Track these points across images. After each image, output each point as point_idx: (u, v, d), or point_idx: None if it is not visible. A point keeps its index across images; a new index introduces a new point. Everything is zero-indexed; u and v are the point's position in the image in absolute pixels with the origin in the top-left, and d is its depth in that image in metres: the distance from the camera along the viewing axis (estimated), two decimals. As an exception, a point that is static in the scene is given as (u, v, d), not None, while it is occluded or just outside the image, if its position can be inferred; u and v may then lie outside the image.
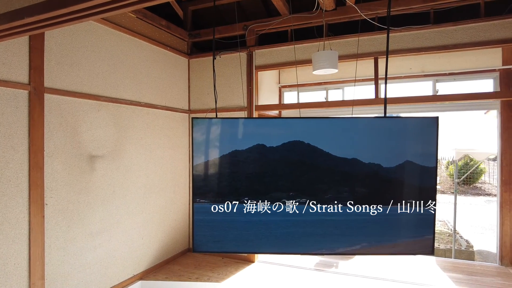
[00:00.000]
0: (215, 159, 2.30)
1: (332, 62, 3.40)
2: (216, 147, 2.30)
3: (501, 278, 3.76)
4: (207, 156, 2.30)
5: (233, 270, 4.01)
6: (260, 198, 2.25)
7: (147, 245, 3.93)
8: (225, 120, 2.35)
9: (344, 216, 2.25)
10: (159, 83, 4.16)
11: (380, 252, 2.28)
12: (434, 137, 2.18)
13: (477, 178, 13.62)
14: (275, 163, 2.27)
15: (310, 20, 3.95)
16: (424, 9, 3.64)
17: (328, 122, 2.30)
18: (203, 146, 2.28)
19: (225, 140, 2.31)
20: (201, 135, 2.29)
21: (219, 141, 2.32)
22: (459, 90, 4.60)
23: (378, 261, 4.25)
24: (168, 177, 4.29)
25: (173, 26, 4.36)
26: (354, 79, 4.86)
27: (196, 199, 2.30)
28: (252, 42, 4.28)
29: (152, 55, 4.04)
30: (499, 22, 3.38)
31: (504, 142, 4.19)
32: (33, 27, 1.68)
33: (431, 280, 3.73)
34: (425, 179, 2.21)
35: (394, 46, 3.69)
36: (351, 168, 2.22)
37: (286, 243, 2.26)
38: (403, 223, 2.25)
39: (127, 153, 3.63)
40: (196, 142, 2.29)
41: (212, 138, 2.31)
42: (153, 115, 4.05)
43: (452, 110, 4.75)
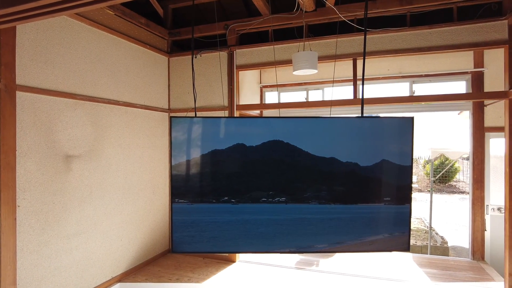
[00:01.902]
0: (194, 158, 2.28)
1: (311, 63, 3.44)
2: (195, 147, 2.28)
3: (473, 272, 3.91)
4: (186, 155, 2.28)
5: (214, 270, 3.99)
6: (240, 198, 2.25)
7: (126, 247, 3.86)
8: (205, 119, 2.33)
9: (323, 215, 2.28)
10: (138, 82, 4.09)
11: (358, 250, 2.32)
12: (409, 136, 2.24)
13: (452, 177, 14.11)
14: (255, 162, 2.27)
15: (291, 20, 3.98)
16: (401, 12, 3.73)
17: (307, 122, 2.33)
18: (182, 146, 2.26)
19: (204, 139, 2.30)
20: (180, 134, 2.27)
21: (198, 141, 2.30)
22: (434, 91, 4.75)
23: (357, 258, 4.33)
24: (147, 177, 4.22)
25: (152, 24, 4.29)
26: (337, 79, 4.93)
27: (174, 200, 2.27)
28: (233, 41, 4.27)
29: (131, 53, 3.96)
30: (471, 27, 3.51)
31: (476, 142, 4.36)
32: (2, 21, 1.62)
33: (408, 276, 3.84)
34: (401, 177, 2.27)
35: (372, 48, 3.77)
36: (329, 167, 2.25)
37: (266, 242, 2.27)
38: (379, 220, 2.30)
39: (105, 153, 3.55)
40: (175, 141, 2.27)
41: (192, 137, 2.29)
42: (132, 114, 3.97)
43: (428, 111, 4.90)
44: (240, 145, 2.23)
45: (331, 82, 5.00)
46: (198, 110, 4.39)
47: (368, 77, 4.90)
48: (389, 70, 4.79)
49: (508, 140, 3.33)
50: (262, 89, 5.52)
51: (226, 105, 4.26)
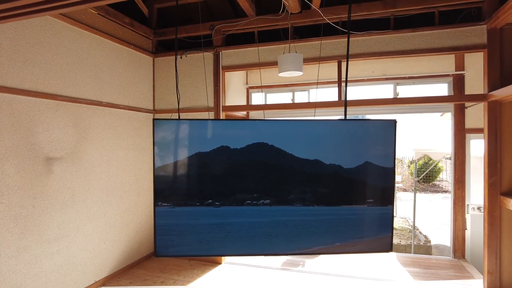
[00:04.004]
0: (178, 161, 2.26)
1: (297, 65, 3.45)
2: (179, 149, 2.26)
3: (454, 270, 4.00)
4: (170, 158, 2.25)
5: (200, 273, 3.96)
6: (224, 200, 2.24)
7: (109, 250, 3.79)
8: (189, 121, 2.31)
9: (307, 217, 2.29)
10: (122, 82, 4.03)
11: (341, 251, 2.34)
12: (392, 139, 2.27)
13: (436, 177, 14.42)
14: (240, 164, 2.27)
15: (276, 22, 3.99)
16: (385, 15, 3.79)
17: (292, 124, 2.34)
18: (165, 148, 2.24)
19: (188, 142, 2.28)
20: (163, 137, 2.24)
21: (182, 143, 2.28)
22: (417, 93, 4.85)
23: (343, 258, 4.38)
24: (132, 179, 4.16)
25: (137, 24, 4.24)
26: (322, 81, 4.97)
27: (158, 203, 2.25)
28: (219, 42, 4.25)
29: (114, 53, 3.90)
30: (452, 31, 3.59)
31: (457, 143, 4.47)
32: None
33: (391, 275, 3.90)
34: (384, 179, 2.30)
35: (357, 50, 3.81)
36: (313, 169, 2.27)
37: (250, 245, 2.26)
38: (363, 222, 2.33)
39: (87, 154, 3.48)
40: (157, 144, 2.24)
41: (175, 139, 2.27)
42: (116, 115, 3.91)
43: (412, 112, 4.99)
44: (224, 148, 2.22)
45: (319, 83, 5.03)
46: (184, 111, 4.35)
47: (353, 79, 4.96)
48: (374, 72, 4.85)
49: (487, 141, 3.42)
50: (249, 90, 5.52)
51: (212, 106, 4.24)
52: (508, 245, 3.33)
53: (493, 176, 3.39)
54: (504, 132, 3.37)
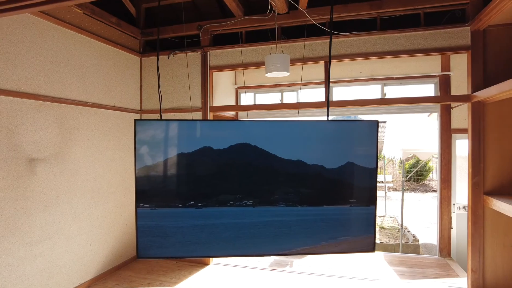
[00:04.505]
0: (160, 162, 2.25)
1: (283, 66, 3.45)
2: (161, 150, 2.25)
3: (439, 268, 4.04)
4: (152, 159, 2.24)
5: (187, 274, 3.95)
6: (207, 202, 2.24)
7: (95, 251, 3.75)
8: (171, 122, 2.30)
9: (290, 217, 2.29)
10: (109, 82, 3.99)
11: (324, 251, 2.35)
12: (374, 139, 2.28)
13: (426, 176, 14.57)
14: (222, 165, 2.26)
15: (264, 22, 3.99)
16: (372, 16, 3.81)
17: (275, 125, 2.33)
18: (147, 149, 2.22)
19: (170, 142, 2.27)
20: (145, 137, 2.22)
21: (164, 144, 2.26)
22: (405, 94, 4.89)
23: (330, 258, 4.40)
24: (118, 180, 4.13)
25: (124, 23, 4.20)
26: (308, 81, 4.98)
27: (139, 204, 2.23)
28: (206, 42, 4.24)
29: (101, 53, 3.86)
30: (437, 32, 3.63)
31: (443, 143, 4.52)
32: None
33: (378, 275, 3.93)
34: (366, 179, 2.31)
35: (344, 51, 3.83)
36: (296, 169, 2.27)
37: (233, 246, 2.26)
38: (345, 222, 2.34)
39: (72, 155, 3.44)
40: (139, 145, 2.22)
41: (157, 140, 2.25)
42: (102, 115, 3.87)
43: (399, 113, 5.03)
44: (207, 148, 2.21)
45: (304, 84, 5.05)
46: (171, 111, 4.33)
47: (342, 80, 4.99)
48: (362, 72, 4.88)
49: (471, 142, 3.46)
50: (238, 90, 5.51)
51: (199, 107, 4.22)
52: (491, 243, 3.37)
53: (477, 175, 3.44)
54: (487, 132, 3.41)
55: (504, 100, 3.30)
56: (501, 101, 3.32)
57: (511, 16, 3.13)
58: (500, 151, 3.38)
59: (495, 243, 3.37)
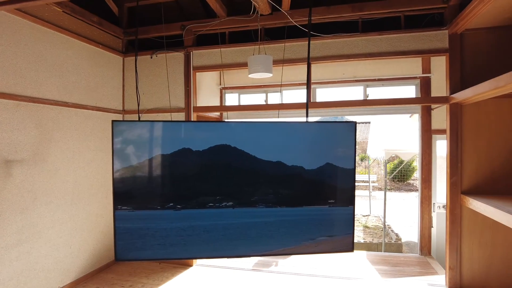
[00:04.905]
0: (138, 164, 2.23)
1: (266, 67, 3.47)
2: (139, 152, 2.23)
3: (420, 267, 4.12)
4: (130, 160, 2.21)
5: (170, 275, 3.92)
6: (186, 204, 2.23)
7: (76, 254, 3.69)
8: (149, 123, 2.28)
9: (270, 218, 2.31)
10: (90, 83, 3.93)
11: (304, 252, 2.37)
12: (352, 141, 2.32)
13: (410, 176, 14.83)
14: (202, 167, 2.25)
15: (247, 23, 3.99)
16: (353, 18, 3.85)
17: (255, 126, 2.34)
18: (124, 151, 2.20)
19: (149, 144, 2.25)
20: (123, 139, 2.20)
21: (142, 145, 2.24)
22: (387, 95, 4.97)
23: (314, 258, 4.43)
24: (100, 181, 4.06)
25: (106, 23, 4.14)
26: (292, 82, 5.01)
27: (117, 206, 2.20)
28: (189, 42, 4.22)
29: (81, 53, 3.80)
30: (417, 35, 3.70)
31: (424, 144, 4.61)
32: None
33: (360, 274, 3.98)
34: (345, 180, 2.34)
35: (326, 52, 3.87)
36: (276, 170, 2.28)
37: (213, 247, 2.25)
38: (324, 222, 2.36)
39: (51, 156, 3.37)
40: (117, 146, 2.20)
41: (135, 142, 2.23)
42: (83, 116, 3.81)
43: (382, 114, 5.12)
44: (186, 150, 2.20)
45: (287, 85, 5.08)
46: (154, 111, 4.29)
47: (325, 81, 5.03)
48: (345, 74, 4.94)
49: (449, 142, 3.55)
50: (222, 91, 5.50)
51: (183, 107, 4.20)
52: (468, 242, 3.46)
53: (455, 175, 3.52)
54: (464, 133, 3.50)
55: (480, 102, 3.39)
56: (477, 103, 3.41)
57: (486, 21, 3.22)
58: (476, 151, 3.47)
59: (472, 242, 3.46)
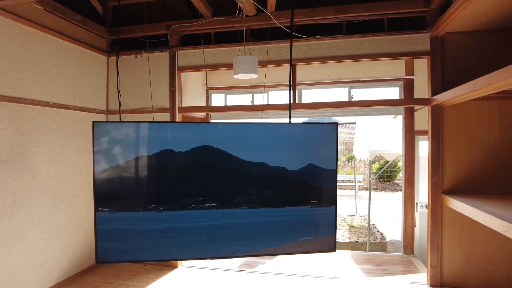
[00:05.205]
0: (119, 165, 2.20)
1: (251, 68, 3.47)
2: (120, 153, 2.20)
3: (403, 265, 4.19)
4: (111, 162, 2.19)
5: (154, 277, 3.89)
6: (168, 205, 2.21)
7: (57, 257, 3.62)
8: (131, 123, 2.26)
9: (253, 218, 2.31)
10: (73, 82, 3.86)
11: (287, 252, 2.38)
12: (334, 142, 2.34)
13: (395, 176, 15.05)
14: (184, 168, 2.24)
15: (233, 24, 4.00)
16: (337, 20, 3.90)
17: (237, 127, 2.35)
18: (105, 152, 2.17)
19: (131, 145, 2.22)
20: (104, 140, 2.18)
21: (124, 146, 2.22)
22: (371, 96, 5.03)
23: (299, 258, 4.46)
24: (83, 182, 4.00)
25: (89, 22, 4.08)
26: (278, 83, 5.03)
27: (98, 208, 2.18)
28: (174, 42, 4.19)
29: (64, 52, 3.74)
30: (400, 37, 3.76)
31: (407, 144, 4.69)
32: None
33: (344, 273, 4.02)
34: (327, 180, 2.37)
35: (310, 54, 3.90)
36: (259, 171, 2.29)
37: (195, 249, 2.25)
38: (307, 223, 2.38)
39: (32, 157, 3.31)
40: (98, 147, 2.17)
41: (117, 143, 2.21)
42: (65, 116, 3.75)
43: (366, 115, 5.18)
44: (168, 151, 2.19)
45: (271, 86, 5.10)
46: (138, 112, 4.25)
47: (310, 82, 5.07)
48: (330, 75, 4.99)
49: (431, 143, 3.62)
50: (208, 91, 5.48)
51: (167, 107, 4.17)
52: (448, 240, 3.54)
53: (436, 176, 3.60)
54: (445, 134, 3.58)
55: (459, 104, 3.47)
56: (457, 104, 3.49)
57: (465, 25, 3.30)
58: (456, 152, 3.55)
59: (452, 240, 3.54)
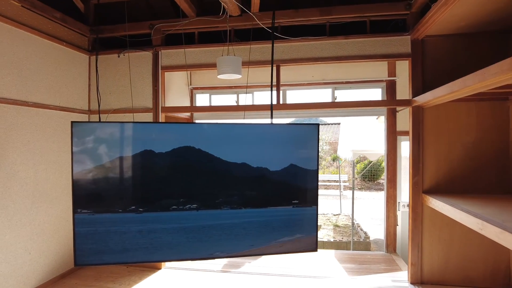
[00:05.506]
0: (98, 166, 2.17)
1: (235, 68, 3.47)
2: (100, 154, 2.17)
3: (385, 264, 4.26)
4: (90, 163, 2.15)
5: (137, 279, 3.84)
6: (148, 206, 2.19)
7: (36, 260, 3.54)
8: (110, 124, 2.23)
9: (234, 219, 2.31)
10: (53, 81, 3.78)
11: (268, 252, 2.39)
12: (315, 142, 2.36)
13: (380, 175, 15.28)
14: (165, 169, 2.22)
15: (217, 24, 3.98)
16: (321, 21, 3.93)
17: (219, 128, 2.34)
18: (85, 153, 2.13)
19: (110, 146, 2.19)
20: (84, 140, 2.14)
21: (103, 147, 2.18)
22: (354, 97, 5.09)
23: (283, 258, 4.47)
24: (64, 183, 3.92)
25: (70, 19, 3.99)
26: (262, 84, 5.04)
27: (77, 210, 2.14)
28: (158, 41, 4.15)
29: (44, 50, 3.65)
30: (382, 39, 3.82)
31: (390, 145, 4.77)
32: None
33: (328, 272, 4.06)
34: (308, 181, 2.39)
35: (294, 55, 3.92)
36: (240, 172, 2.29)
37: (177, 250, 2.23)
38: (288, 223, 2.40)
39: (8, 158, 3.22)
40: (77, 148, 2.13)
41: (96, 143, 2.17)
42: (45, 116, 3.66)
43: (350, 115, 5.24)
44: (148, 152, 2.17)
45: (253, 86, 5.11)
46: (121, 112, 4.19)
47: (294, 83, 5.10)
48: (314, 76, 5.02)
49: (411, 143, 3.69)
50: (193, 91, 5.45)
51: (150, 107, 4.13)
52: (428, 239, 3.62)
53: (416, 175, 3.67)
54: (425, 135, 3.65)
55: (439, 105, 3.55)
56: (437, 106, 3.57)
57: (444, 28, 3.37)
58: (436, 152, 3.63)
59: (432, 238, 3.62)
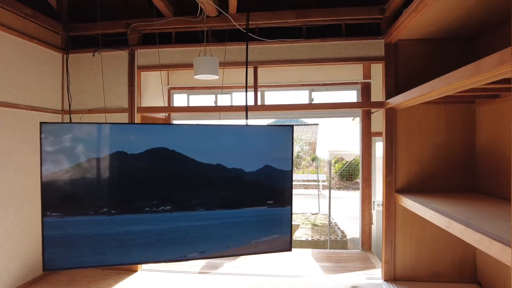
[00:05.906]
0: (69, 167, 2.12)
1: (212, 68, 3.46)
2: (71, 155, 2.11)
3: (360, 262, 4.37)
4: (60, 164, 2.10)
5: (113, 282, 3.76)
6: (121, 209, 2.16)
7: (4, 266, 3.41)
8: (81, 125, 2.18)
9: (209, 221, 2.31)
10: (23, 80, 3.65)
11: (243, 253, 2.41)
12: (289, 143, 2.40)
13: (357, 175, 15.62)
14: (137, 171, 2.20)
15: (194, 24, 3.96)
16: (298, 24, 3.99)
17: (194, 129, 2.34)
18: (55, 154, 2.08)
19: (81, 146, 2.14)
20: (53, 141, 2.08)
21: (74, 149, 2.14)
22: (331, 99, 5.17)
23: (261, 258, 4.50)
24: (35, 186, 3.79)
25: (42, 16, 3.87)
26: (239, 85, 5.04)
27: (46, 213, 2.08)
28: (134, 41, 4.09)
29: (13, 48, 3.52)
30: (356, 42, 3.91)
31: (365, 145, 4.89)
32: None
33: (305, 271, 4.11)
34: (283, 181, 2.42)
35: (271, 57, 3.96)
36: (215, 173, 2.29)
37: (150, 252, 2.21)
38: (263, 223, 2.42)
39: (-26, 160, 3.09)
40: (47, 149, 2.07)
41: (66, 145, 2.12)
42: (13, 116, 3.53)
43: (326, 117, 5.34)
44: (120, 153, 2.14)
45: (229, 87, 5.12)
46: (96, 112, 4.10)
47: (272, 84, 5.14)
48: (291, 78, 5.08)
49: (385, 144, 3.80)
50: (170, 91, 5.40)
51: (126, 107, 4.06)
52: (401, 237, 3.73)
53: (390, 175, 3.77)
54: (398, 136, 3.77)
55: (411, 107, 3.67)
56: (409, 108, 3.69)
57: (415, 33, 3.49)
58: (408, 153, 3.75)
59: (404, 236, 3.74)
